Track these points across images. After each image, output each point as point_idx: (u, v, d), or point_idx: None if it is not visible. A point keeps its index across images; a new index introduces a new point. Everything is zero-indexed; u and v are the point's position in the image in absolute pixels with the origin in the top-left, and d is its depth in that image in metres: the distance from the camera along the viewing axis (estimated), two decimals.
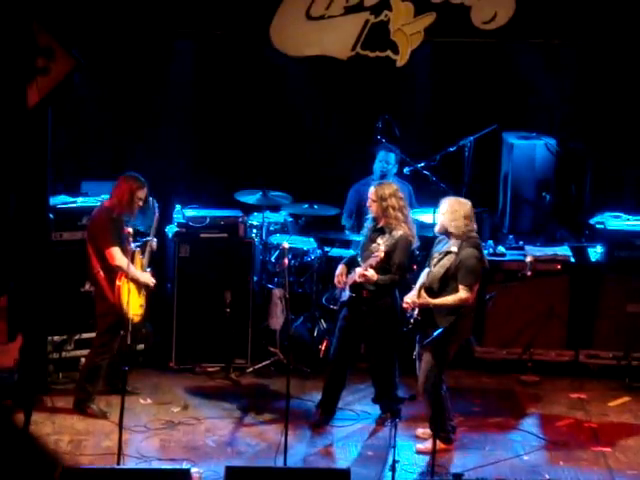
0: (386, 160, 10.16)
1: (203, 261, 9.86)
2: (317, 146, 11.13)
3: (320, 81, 11.05)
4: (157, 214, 9.13)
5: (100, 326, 8.91)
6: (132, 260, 8.86)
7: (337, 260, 9.28)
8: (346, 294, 8.71)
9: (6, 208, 9.17)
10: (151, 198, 9.11)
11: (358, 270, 8.52)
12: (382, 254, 8.38)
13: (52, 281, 9.39)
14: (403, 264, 8.60)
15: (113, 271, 8.66)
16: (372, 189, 8.68)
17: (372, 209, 8.67)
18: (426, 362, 8.31)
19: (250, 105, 11.05)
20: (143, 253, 8.97)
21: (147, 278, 8.92)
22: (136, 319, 8.83)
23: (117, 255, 8.67)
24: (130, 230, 8.81)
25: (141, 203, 8.87)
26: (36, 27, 8.96)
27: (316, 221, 10.47)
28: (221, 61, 10.97)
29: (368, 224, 8.78)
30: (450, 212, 8.31)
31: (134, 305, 8.81)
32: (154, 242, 9.08)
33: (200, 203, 10.15)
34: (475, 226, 8.42)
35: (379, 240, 8.51)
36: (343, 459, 8.43)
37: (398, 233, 8.54)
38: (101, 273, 8.73)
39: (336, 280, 8.81)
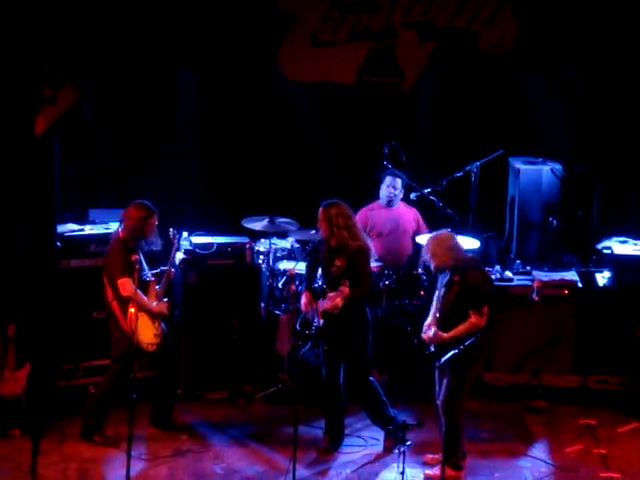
0: (393, 185, 10.19)
1: (210, 288, 9.86)
2: (323, 172, 11.15)
3: (326, 107, 11.09)
4: (176, 244, 9.13)
5: (114, 354, 8.89)
6: (147, 290, 8.87)
7: None
8: (319, 320, 8.73)
9: (14, 236, 9.19)
10: (172, 229, 9.11)
11: (326, 300, 8.58)
12: (347, 290, 8.45)
13: (60, 309, 9.40)
14: (367, 274, 8.68)
15: (126, 301, 8.65)
16: (320, 210, 8.72)
17: (321, 230, 8.70)
18: (446, 386, 8.28)
19: (256, 131, 11.08)
20: (159, 283, 8.97)
21: (160, 308, 8.92)
22: (151, 348, 8.84)
23: (128, 286, 8.66)
24: (137, 256, 8.75)
25: (153, 229, 8.87)
26: (44, 58, 9.02)
27: None
28: (227, 88, 11.01)
29: (322, 246, 8.82)
30: (434, 253, 8.30)
31: (148, 334, 8.81)
32: (172, 272, 9.07)
33: (207, 230, 10.16)
34: (463, 248, 8.40)
35: (336, 262, 8.59)
36: None
37: (352, 248, 8.60)
38: (115, 302, 8.73)
39: (303, 308, 8.88)
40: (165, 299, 8.99)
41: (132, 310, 8.58)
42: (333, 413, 8.86)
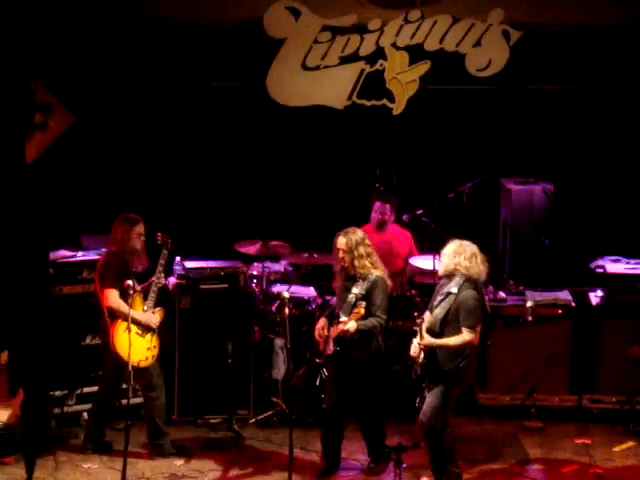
0: (381, 211, 10.20)
1: (204, 312, 9.84)
2: (315, 195, 11.16)
3: (317, 131, 11.11)
4: (165, 250, 8.99)
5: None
6: (132, 302, 8.77)
7: None
8: (331, 347, 8.68)
9: (6, 263, 9.18)
10: (160, 233, 9.00)
11: (340, 326, 8.48)
12: (362, 310, 8.39)
13: (53, 336, 9.38)
14: (384, 305, 8.59)
15: (114, 315, 8.61)
16: (340, 240, 8.63)
17: (342, 260, 8.63)
18: (429, 405, 8.23)
19: (248, 156, 11.11)
20: (146, 295, 8.92)
21: (147, 318, 8.86)
22: (143, 364, 8.80)
23: (112, 297, 8.62)
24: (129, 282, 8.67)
25: (143, 239, 8.85)
26: (34, 83, 9.05)
27: (316, 270, 10.47)
28: (218, 112, 11.04)
29: (341, 274, 8.75)
30: (454, 253, 8.27)
31: (139, 350, 8.76)
32: (162, 279, 8.95)
33: (200, 254, 10.15)
34: (482, 268, 8.31)
35: (354, 289, 8.52)
36: None
37: (373, 276, 8.55)
38: (109, 319, 8.71)
39: (316, 334, 8.78)
40: (157, 308, 8.93)
41: (117, 329, 8.51)
42: (331, 435, 8.81)
